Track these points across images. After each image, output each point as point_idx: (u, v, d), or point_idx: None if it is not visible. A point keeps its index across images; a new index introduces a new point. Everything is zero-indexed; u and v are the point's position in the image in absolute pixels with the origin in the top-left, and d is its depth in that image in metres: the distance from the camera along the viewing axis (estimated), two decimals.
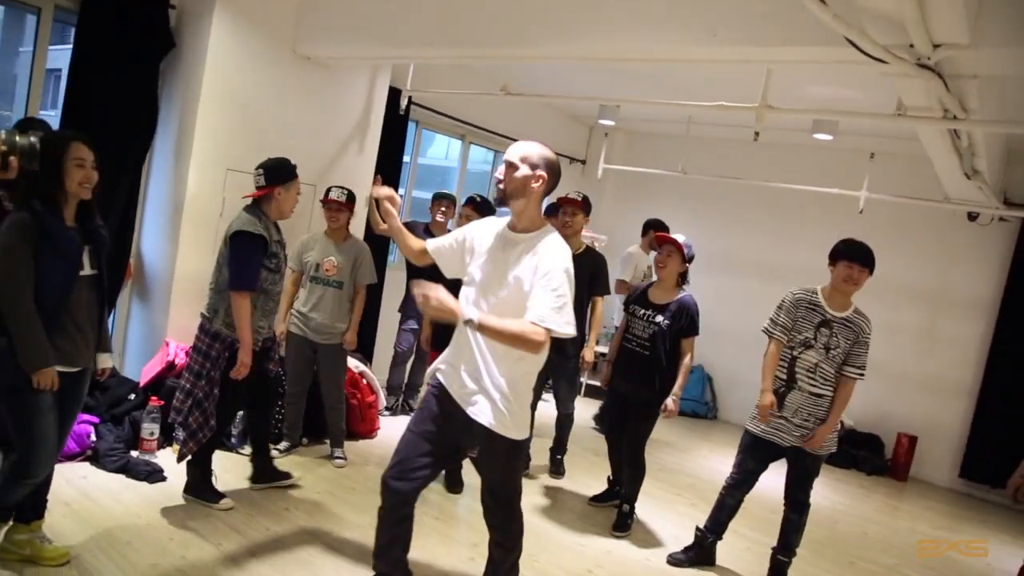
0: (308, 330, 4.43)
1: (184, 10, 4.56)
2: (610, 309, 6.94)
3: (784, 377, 3.59)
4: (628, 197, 8.55)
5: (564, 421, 4.98)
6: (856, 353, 3.50)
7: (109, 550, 3.12)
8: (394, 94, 5.72)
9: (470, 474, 3.32)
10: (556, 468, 5.05)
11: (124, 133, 4.31)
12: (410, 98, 5.86)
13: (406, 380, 5.87)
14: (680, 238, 4.06)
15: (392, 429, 5.37)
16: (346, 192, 4.47)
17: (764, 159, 7.55)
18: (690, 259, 4.10)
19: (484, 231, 2.71)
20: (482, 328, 2.39)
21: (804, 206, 7.29)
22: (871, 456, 6.82)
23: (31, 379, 2.60)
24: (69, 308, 2.73)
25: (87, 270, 2.78)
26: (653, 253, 5.50)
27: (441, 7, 4.24)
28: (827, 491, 5.74)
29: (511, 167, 2.54)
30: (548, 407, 5.31)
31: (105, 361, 2.97)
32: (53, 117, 4.38)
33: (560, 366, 4.53)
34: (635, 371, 4.07)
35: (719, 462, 6.02)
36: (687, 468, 5.85)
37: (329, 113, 5.17)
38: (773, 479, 3.79)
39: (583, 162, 8.73)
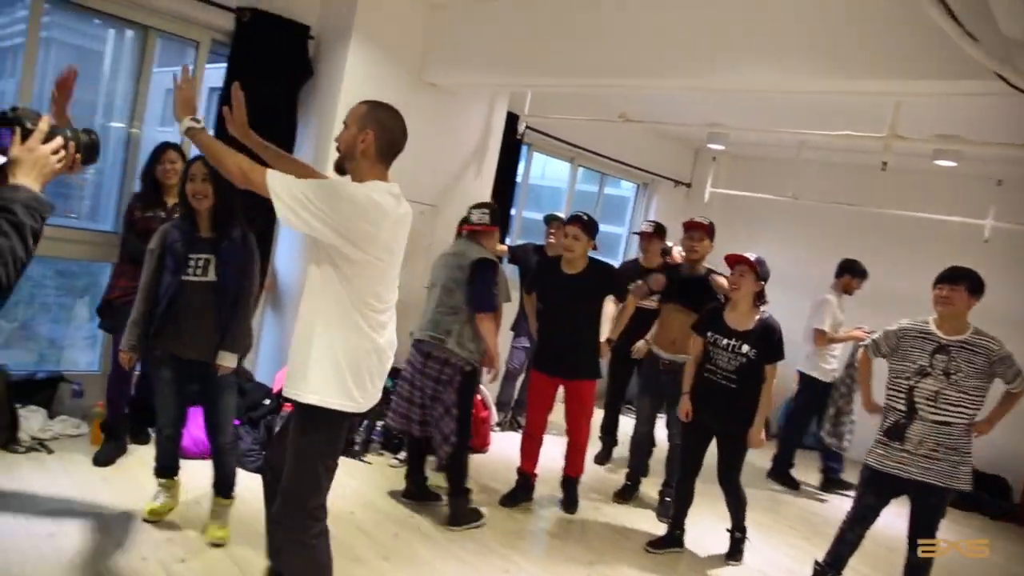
0: None
1: (322, 41, 4.87)
2: None
3: (903, 408, 3.48)
4: (734, 222, 8.45)
5: (673, 453, 4.73)
6: (1002, 372, 3.40)
7: (253, 541, 3.35)
8: (510, 119, 5.91)
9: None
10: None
11: None
12: (526, 123, 6.04)
13: (515, 396, 6.01)
14: (752, 256, 3.88)
15: (502, 444, 5.50)
16: (488, 213, 4.61)
17: (881, 185, 7.33)
18: (765, 278, 3.89)
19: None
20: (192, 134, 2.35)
21: (924, 234, 7.05)
22: (996, 499, 6.48)
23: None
24: (177, 306, 3.20)
25: (204, 276, 3.21)
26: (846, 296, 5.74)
27: (562, 38, 4.38)
28: (949, 534, 5.53)
29: (344, 127, 2.47)
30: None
31: (223, 359, 3.23)
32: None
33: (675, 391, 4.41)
34: (722, 405, 3.91)
35: (833, 495, 5.90)
36: (799, 501, 5.74)
37: (450, 137, 5.39)
38: (894, 518, 3.72)
39: (688, 185, 8.72)
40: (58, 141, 1.72)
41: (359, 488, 4.25)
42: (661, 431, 4.90)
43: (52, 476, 3.67)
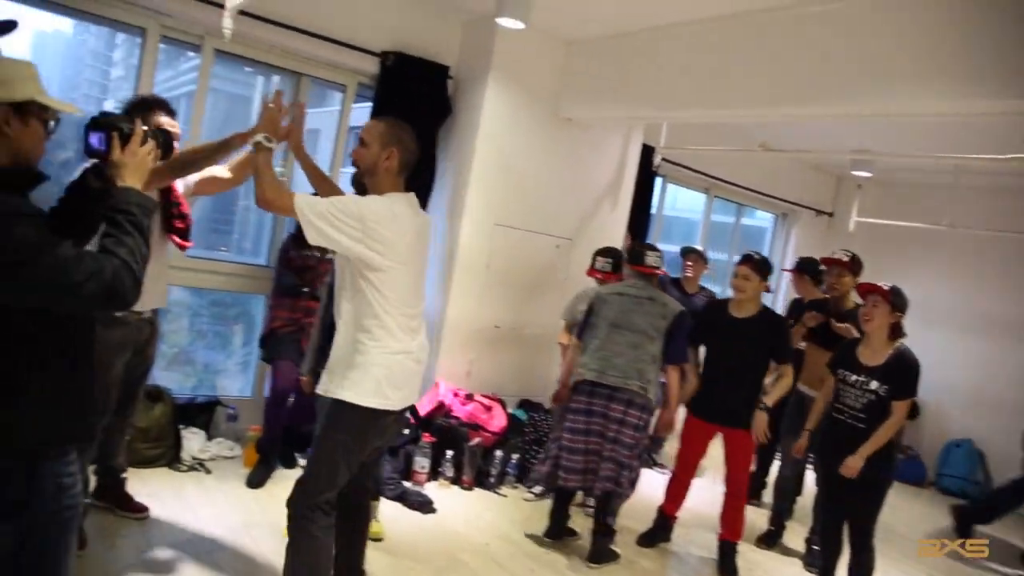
0: None
1: (461, 80, 5.02)
2: None
3: None
4: (882, 253, 7.96)
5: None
6: None
7: (397, 567, 3.40)
8: (645, 151, 5.87)
9: None
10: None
11: (409, 188, 4.79)
12: (661, 155, 5.98)
13: (650, 433, 5.86)
14: (886, 285, 3.56)
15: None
16: (611, 263, 4.53)
17: None
18: (901, 308, 3.51)
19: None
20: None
21: None
22: None
23: None
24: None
25: None
26: None
27: (699, 69, 4.31)
28: None
29: (363, 144, 2.55)
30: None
31: None
32: (349, 174, 4.98)
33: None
34: (850, 447, 3.50)
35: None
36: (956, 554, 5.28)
37: (585, 171, 5.41)
38: None
39: (830, 215, 8.34)
40: (151, 143, 1.86)
41: (494, 520, 4.25)
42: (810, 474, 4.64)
43: (210, 495, 3.89)
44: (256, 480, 4.10)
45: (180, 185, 3.16)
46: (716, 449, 4.20)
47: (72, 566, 1.82)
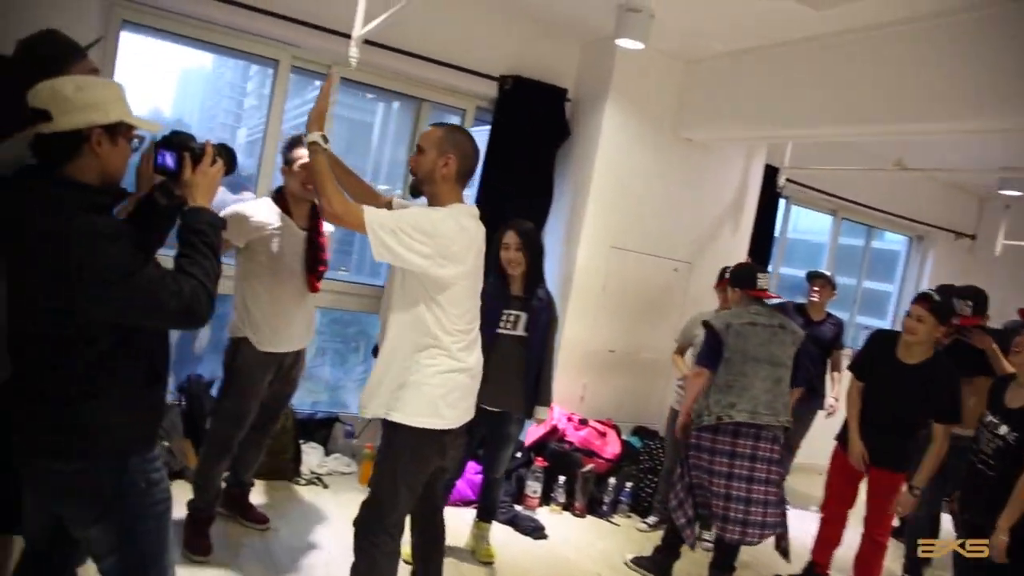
0: None
1: (579, 102, 5.00)
2: None
3: None
4: None
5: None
6: None
7: None
8: (768, 171, 5.66)
9: None
10: None
11: (526, 211, 4.79)
12: (786, 176, 5.76)
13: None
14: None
15: None
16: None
17: None
18: None
19: None
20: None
21: None
22: None
23: None
24: (490, 360, 3.20)
25: (514, 331, 3.47)
26: None
27: (827, 85, 4.10)
28: None
29: (420, 151, 2.44)
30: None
31: (539, 412, 3.58)
32: (468, 197, 5.03)
33: None
34: (976, 494, 3.19)
35: None
36: None
37: (706, 192, 5.26)
38: None
39: (972, 237, 7.77)
40: (220, 163, 1.88)
41: (605, 549, 4.15)
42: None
43: (327, 509, 3.97)
44: None
45: (327, 226, 3.28)
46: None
47: (173, 556, 1.94)
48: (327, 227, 3.31)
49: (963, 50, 3.49)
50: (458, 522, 3.91)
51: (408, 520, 2.66)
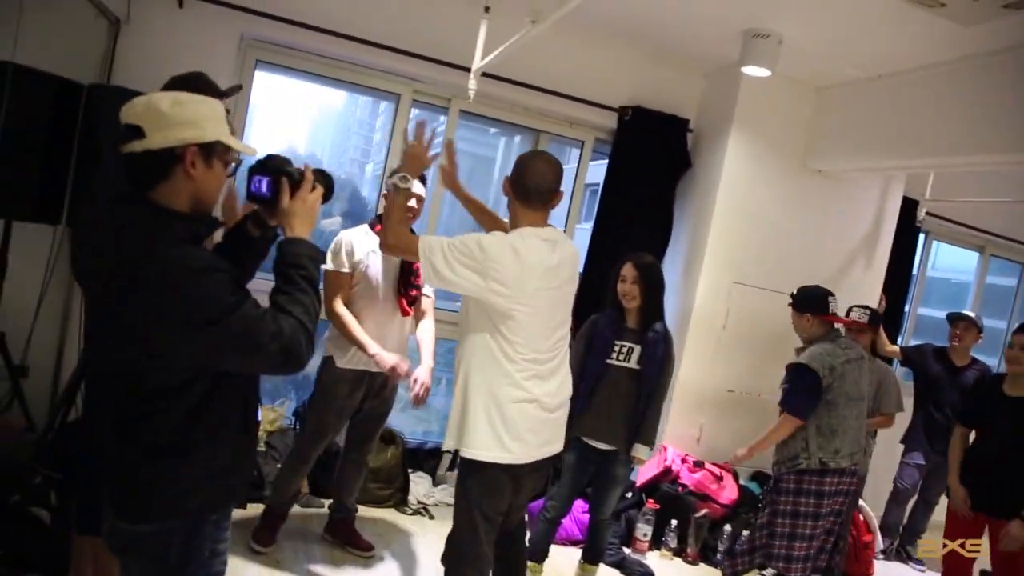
0: None
1: (701, 133, 4.85)
2: None
3: None
4: None
5: None
6: None
7: None
8: (907, 203, 5.29)
9: None
10: None
11: (644, 245, 4.67)
12: (926, 208, 5.38)
13: (904, 522, 5.19)
14: None
15: (885, 574, 4.74)
16: (868, 312, 4.22)
17: None
18: None
19: None
20: None
21: None
22: None
23: None
24: (597, 389, 3.31)
25: (627, 363, 3.33)
26: None
27: (967, 111, 3.79)
28: None
29: None
30: None
31: (638, 451, 3.34)
32: (585, 230, 4.97)
33: None
34: None
35: None
36: None
37: (836, 226, 4.96)
38: None
39: None
40: (319, 189, 1.70)
41: None
42: None
43: (432, 540, 3.92)
44: None
45: None
46: None
47: None
48: None
49: None
50: (563, 561, 3.81)
51: None
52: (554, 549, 3.69)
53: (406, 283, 3.29)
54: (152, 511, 1.56)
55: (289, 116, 5.49)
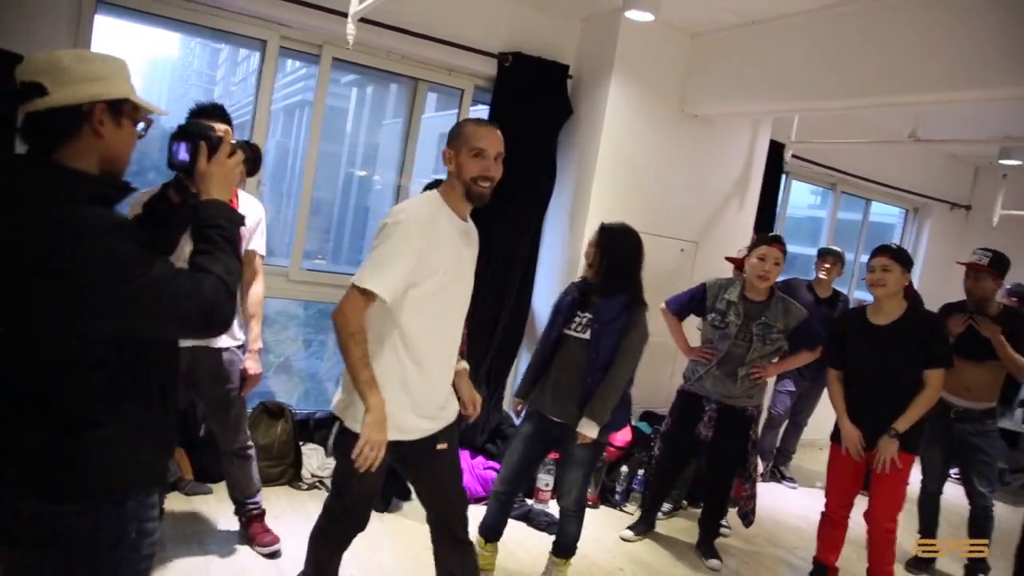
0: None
1: (581, 80, 4.79)
2: None
3: None
4: None
5: (979, 518, 4.04)
6: None
7: None
8: (773, 147, 5.50)
9: None
10: None
11: (529, 194, 4.61)
12: (791, 151, 5.62)
13: (778, 445, 5.54)
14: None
15: (764, 497, 5.05)
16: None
17: None
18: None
19: (433, 232, 2.24)
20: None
21: None
22: None
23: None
24: (552, 361, 3.24)
25: (582, 334, 3.18)
26: None
27: (834, 58, 3.93)
28: None
29: (499, 160, 2.35)
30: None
31: (584, 426, 3.08)
32: None
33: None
34: None
35: None
36: None
37: (712, 170, 5.09)
38: None
39: (967, 207, 7.71)
40: (239, 154, 1.67)
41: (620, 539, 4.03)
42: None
43: None
44: (383, 506, 3.96)
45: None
46: None
47: None
48: (247, 207, 3.07)
49: (973, 18, 3.35)
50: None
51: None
52: None
53: None
54: (82, 488, 1.47)
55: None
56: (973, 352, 3.88)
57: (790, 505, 5.10)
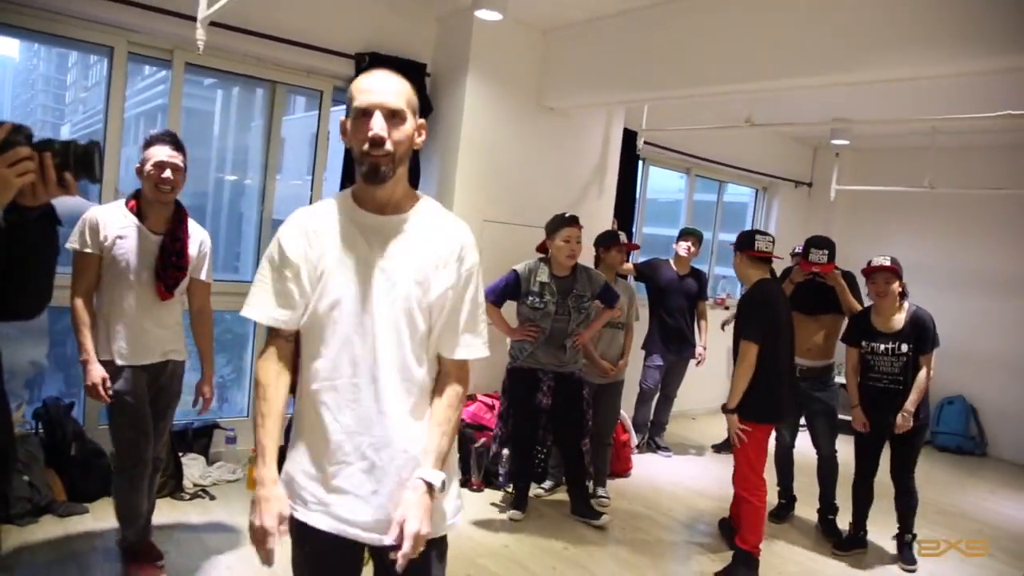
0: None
1: (439, 77, 4.92)
2: None
3: None
4: (863, 220, 8.02)
5: (824, 466, 4.47)
6: None
7: None
8: (627, 135, 5.81)
9: None
10: (832, 532, 4.40)
11: None
12: (644, 138, 5.94)
13: (651, 418, 5.87)
14: (885, 260, 3.90)
15: (641, 467, 5.36)
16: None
17: None
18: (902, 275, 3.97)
19: (318, 235, 1.70)
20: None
21: None
22: None
23: None
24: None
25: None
26: None
27: (678, 49, 4.26)
28: None
29: (398, 118, 1.65)
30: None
31: None
32: (332, 182, 4.85)
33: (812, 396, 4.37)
34: (891, 407, 3.94)
35: (1001, 504, 5.47)
36: (968, 511, 5.32)
37: (570, 159, 5.34)
38: None
39: (809, 184, 8.35)
40: (20, 151, 1.42)
41: (507, 521, 4.19)
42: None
43: (218, 520, 3.79)
44: None
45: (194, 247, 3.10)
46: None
47: None
48: (194, 232, 3.10)
49: (798, 11, 3.70)
50: None
51: None
52: None
53: (166, 265, 2.99)
54: None
55: None
56: (811, 306, 4.34)
57: (666, 472, 5.41)
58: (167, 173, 2.86)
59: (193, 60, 4.12)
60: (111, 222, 2.91)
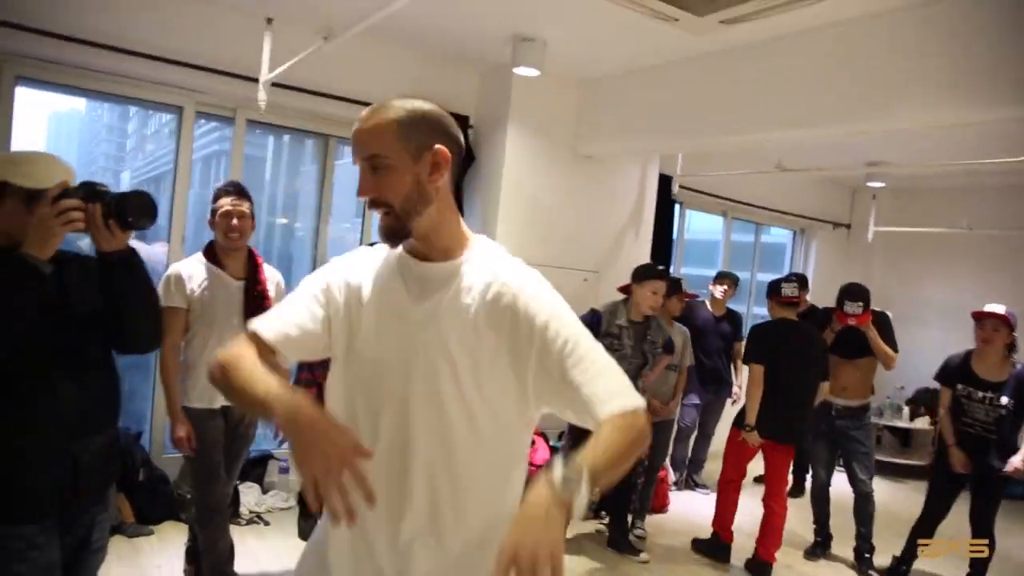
0: None
1: (481, 129, 5.23)
2: None
3: None
4: (902, 261, 8.05)
5: (861, 504, 4.55)
6: None
7: None
8: (663, 179, 6.03)
9: None
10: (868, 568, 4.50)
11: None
12: (679, 183, 6.15)
13: (689, 455, 5.95)
14: (999, 308, 3.97)
15: (679, 504, 5.45)
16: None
17: None
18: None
19: (361, 276, 1.50)
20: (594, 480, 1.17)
21: None
22: None
23: None
24: None
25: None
26: None
27: (711, 99, 4.44)
28: None
29: (379, 163, 1.39)
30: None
31: None
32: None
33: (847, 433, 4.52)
34: (979, 452, 4.02)
35: None
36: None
37: (607, 204, 5.57)
38: None
39: (848, 227, 8.42)
40: (67, 203, 1.69)
41: None
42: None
43: (272, 546, 4.02)
44: (307, 531, 4.20)
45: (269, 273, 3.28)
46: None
47: None
48: (269, 274, 3.28)
49: (831, 60, 3.85)
50: None
51: None
52: None
53: (253, 309, 3.01)
54: None
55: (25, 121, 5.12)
56: (849, 351, 4.47)
57: (704, 509, 5.47)
58: (235, 221, 3.08)
59: (254, 117, 4.47)
60: (194, 274, 3.09)
